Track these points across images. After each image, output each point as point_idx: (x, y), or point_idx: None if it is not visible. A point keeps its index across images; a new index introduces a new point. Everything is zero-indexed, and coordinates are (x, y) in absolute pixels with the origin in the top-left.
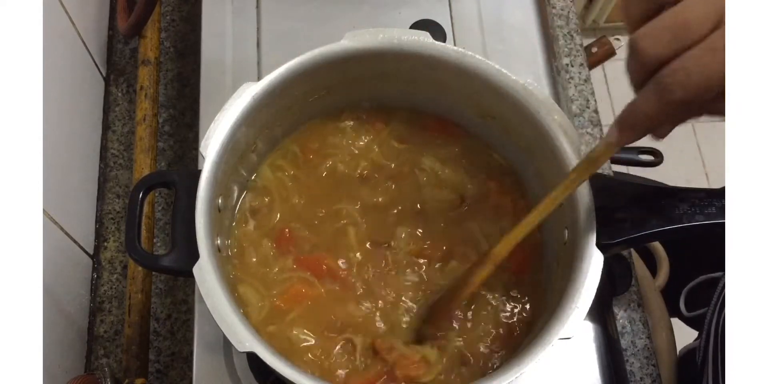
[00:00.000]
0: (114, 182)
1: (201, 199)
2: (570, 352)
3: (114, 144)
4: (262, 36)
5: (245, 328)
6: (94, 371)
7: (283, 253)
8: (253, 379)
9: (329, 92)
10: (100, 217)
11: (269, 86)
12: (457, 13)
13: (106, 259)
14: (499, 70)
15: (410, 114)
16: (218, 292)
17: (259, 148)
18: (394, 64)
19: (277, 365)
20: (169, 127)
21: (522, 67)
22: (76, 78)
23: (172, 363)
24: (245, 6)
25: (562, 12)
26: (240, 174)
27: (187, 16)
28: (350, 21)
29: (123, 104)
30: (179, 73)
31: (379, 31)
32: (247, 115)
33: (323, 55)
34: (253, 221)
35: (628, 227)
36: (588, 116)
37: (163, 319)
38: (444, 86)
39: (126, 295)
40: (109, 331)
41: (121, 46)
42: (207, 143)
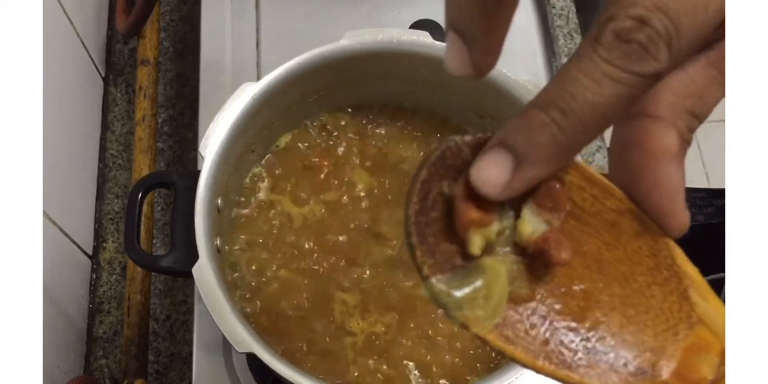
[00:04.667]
0: (113, 182)
1: (200, 199)
2: None
3: (113, 144)
4: (261, 36)
5: (245, 328)
6: (93, 372)
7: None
8: (252, 379)
9: (329, 92)
10: (99, 217)
11: (268, 86)
12: None
13: (105, 260)
14: (498, 70)
15: (410, 114)
16: (218, 292)
17: (259, 148)
18: (393, 64)
19: (277, 366)
20: (169, 128)
21: (522, 67)
22: (74, 78)
23: (172, 364)
24: (244, 6)
25: (562, 12)
26: (239, 174)
27: (186, 16)
28: (350, 21)
29: (122, 104)
30: (178, 73)
31: (378, 31)
32: (247, 115)
33: (323, 55)
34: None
35: None
36: None
37: (162, 319)
38: (444, 86)
39: (125, 295)
40: (108, 332)
41: (120, 46)
42: (206, 143)
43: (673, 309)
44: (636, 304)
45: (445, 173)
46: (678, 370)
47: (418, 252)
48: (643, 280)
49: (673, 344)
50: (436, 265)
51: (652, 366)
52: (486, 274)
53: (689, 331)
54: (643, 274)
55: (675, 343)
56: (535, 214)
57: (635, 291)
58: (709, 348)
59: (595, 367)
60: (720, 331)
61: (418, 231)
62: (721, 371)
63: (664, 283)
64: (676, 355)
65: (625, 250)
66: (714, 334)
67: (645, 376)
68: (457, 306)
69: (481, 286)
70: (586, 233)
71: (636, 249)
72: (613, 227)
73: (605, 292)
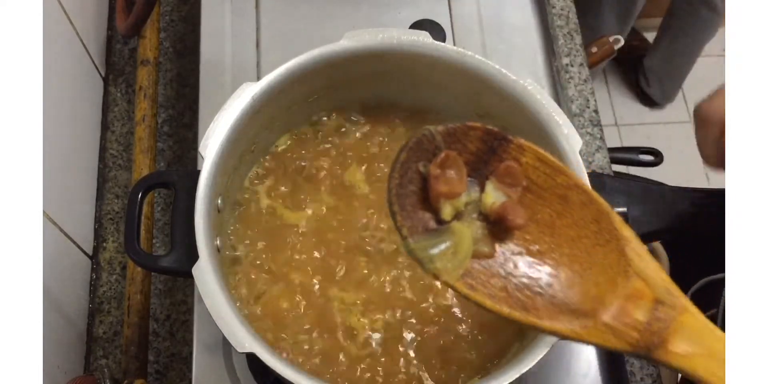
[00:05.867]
0: (113, 183)
1: (200, 199)
2: (570, 352)
3: (113, 144)
4: (261, 36)
5: (245, 328)
6: (93, 372)
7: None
8: (252, 379)
9: (329, 92)
10: (99, 217)
11: (268, 86)
12: (457, 13)
13: (105, 260)
14: (499, 70)
15: (410, 114)
16: (218, 292)
17: (259, 148)
18: (393, 64)
19: (277, 366)
20: (168, 128)
21: (522, 67)
22: (75, 78)
23: (172, 364)
24: (244, 6)
25: (562, 12)
26: (239, 174)
27: (186, 16)
28: (350, 21)
29: (122, 104)
30: (178, 73)
31: (378, 31)
32: (247, 115)
33: (323, 55)
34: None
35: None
36: (588, 116)
37: (162, 319)
38: (444, 86)
39: (125, 295)
40: (108, 332)
41: (120, 46)
42: (206, 143)
43: (613, 264)
44: (582, 261)
45: (422, 155)
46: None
47: (399, 217)
48: (588, 242)
49: (613, 293)
50: (413, 228)
51: (594, 310)
52: (454, 235)
53: (626, 283)
54: (587, 236)
55: (614, 292)
56: (496, 188)
57: (581, 250)
58: (643, 297)
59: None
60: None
61: (399, 201)
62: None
63: (605, 243)
64: (615, 302)
65: (573, 217)
66: (647, 285)
67: (588, 319)
68: (429, 260)
69: (450, 244)
70: (540, 204)
71: (582, 216)
72: (562, 199)
73: (556, 251)
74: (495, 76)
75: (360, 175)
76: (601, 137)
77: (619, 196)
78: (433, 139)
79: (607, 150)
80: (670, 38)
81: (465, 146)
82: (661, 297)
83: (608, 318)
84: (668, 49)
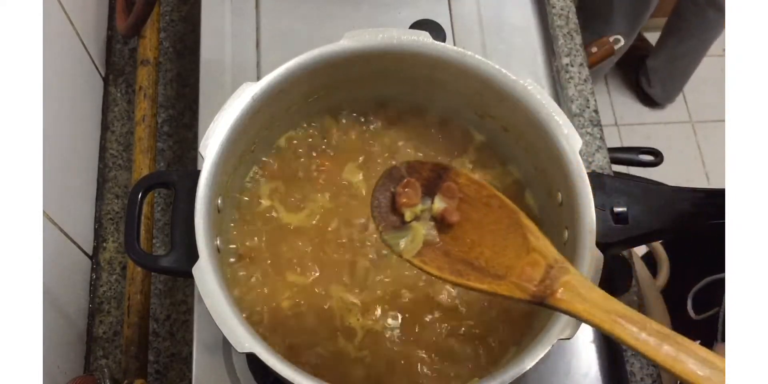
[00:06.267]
0: (113, 183)
1: (200, 199)
2: (570, 352)
3: (113, 144)
4: (261, 36)
5: (244, 328)
6: (93, 372)
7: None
8: (252, 379)
9: (328, 92)
10: (99, 217)
11: (268, 86)
12: (457, 13)
13: (105, 260)
14: (499, 70)
15: (410, 114)
16: (217, 292)
17: (259, 148)
18: (394, 64)
19: (277, 366)
20: (168, 128)
21: (522, 67)
22: (74, 78)
23: (172, 364)
24: (244, 6)
25: (562, 12)
26: (239, 174)
27: (186, 16)
28: (350, 21)
29: (122, 104)
30: (178, 73)
31: (378, 31)
32: (247, 115)
33: (322, 55)
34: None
35: (628, 227)
36: (588, 116)
37: (162, 319)
38: (444, 86)
39: (125, 295)
40: (108, 332)
41: (120, 46)
42: (206, 143)
43: (518, 244)
44: (499, 244)
45: (392, 181)
46: (520, 275)
47: (377, 220)
48: (503, 231)
49: (518, 263)
50: (387, 226)
51: (506, 274)
52: (413, 230)
53: (527, 256)
54: (502, 228)
55: (519, 262)
56: (441, 200)
57: (499, 237)
58: (539, 264)
59: (474, 276)
60: (545, 254)
61: (378, 210)
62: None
63: (514, 231)
64: (519, 267)
65: (493, 216)
66: (542, 256)
67: (502, 280)
68: (396, 245)
69: (410, 236)
70: (471, 209)
71: (499, 215)
72: (486, 205)
73: (483, 238)
74: (495, 76)
75: (359, 175)
76: (601, 137)
77: (619, 196)
78: (400, 171)
79: (607, 150)
80: (675, 39)
81: (421, 174)
82: (551, 263)
83: (515, 278)
84: (674, 49)
